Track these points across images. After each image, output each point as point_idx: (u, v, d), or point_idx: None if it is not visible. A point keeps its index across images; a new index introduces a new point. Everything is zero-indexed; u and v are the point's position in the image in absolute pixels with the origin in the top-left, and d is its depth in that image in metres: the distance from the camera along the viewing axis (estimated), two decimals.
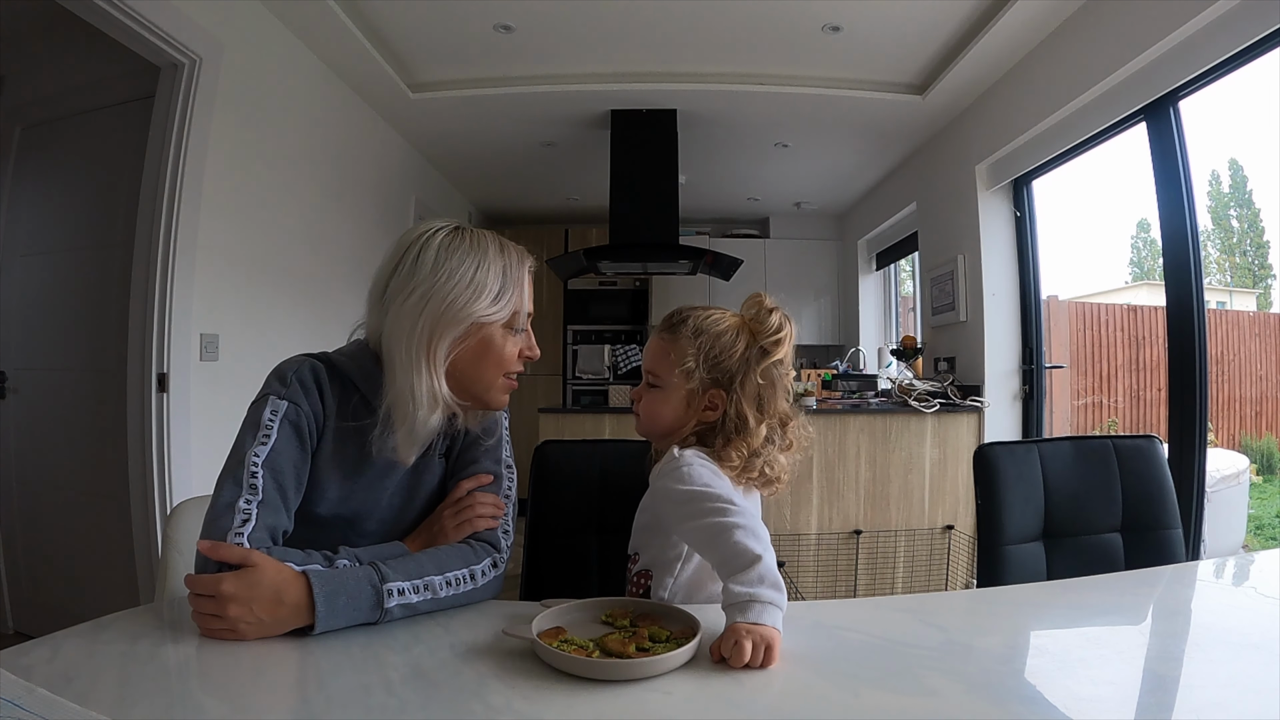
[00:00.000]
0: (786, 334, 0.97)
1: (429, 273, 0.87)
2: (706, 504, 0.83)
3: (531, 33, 2.81)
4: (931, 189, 3.82)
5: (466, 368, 0.90)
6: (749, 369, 0.96)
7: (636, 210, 3.47)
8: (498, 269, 0.91)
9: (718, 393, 0.97)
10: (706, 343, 0.97)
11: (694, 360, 0.96)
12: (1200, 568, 1.18)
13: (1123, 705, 0.64)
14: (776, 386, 0.98)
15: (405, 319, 0.86)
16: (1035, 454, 1.32)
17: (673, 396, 0.98)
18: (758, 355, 0.97)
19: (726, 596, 0.73)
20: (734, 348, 0.97)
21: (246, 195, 2.42)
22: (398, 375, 0.86)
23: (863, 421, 2.95)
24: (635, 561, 1.00)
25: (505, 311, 0.91)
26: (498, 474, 0.98)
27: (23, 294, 2.48)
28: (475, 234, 0.93)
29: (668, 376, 0.98)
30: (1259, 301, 3.13)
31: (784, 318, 0.99)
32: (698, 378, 0.96)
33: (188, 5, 2.07)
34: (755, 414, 0.96)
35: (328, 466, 0.89)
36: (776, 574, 0.74)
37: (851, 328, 5.23)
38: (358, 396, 0.90)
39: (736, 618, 0.70)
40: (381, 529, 0.94)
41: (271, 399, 0.85)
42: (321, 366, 0.90)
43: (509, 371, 0.94)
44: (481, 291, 0.88)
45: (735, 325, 0.99)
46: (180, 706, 0.62)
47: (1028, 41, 2.73)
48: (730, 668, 0.67)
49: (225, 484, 0.81)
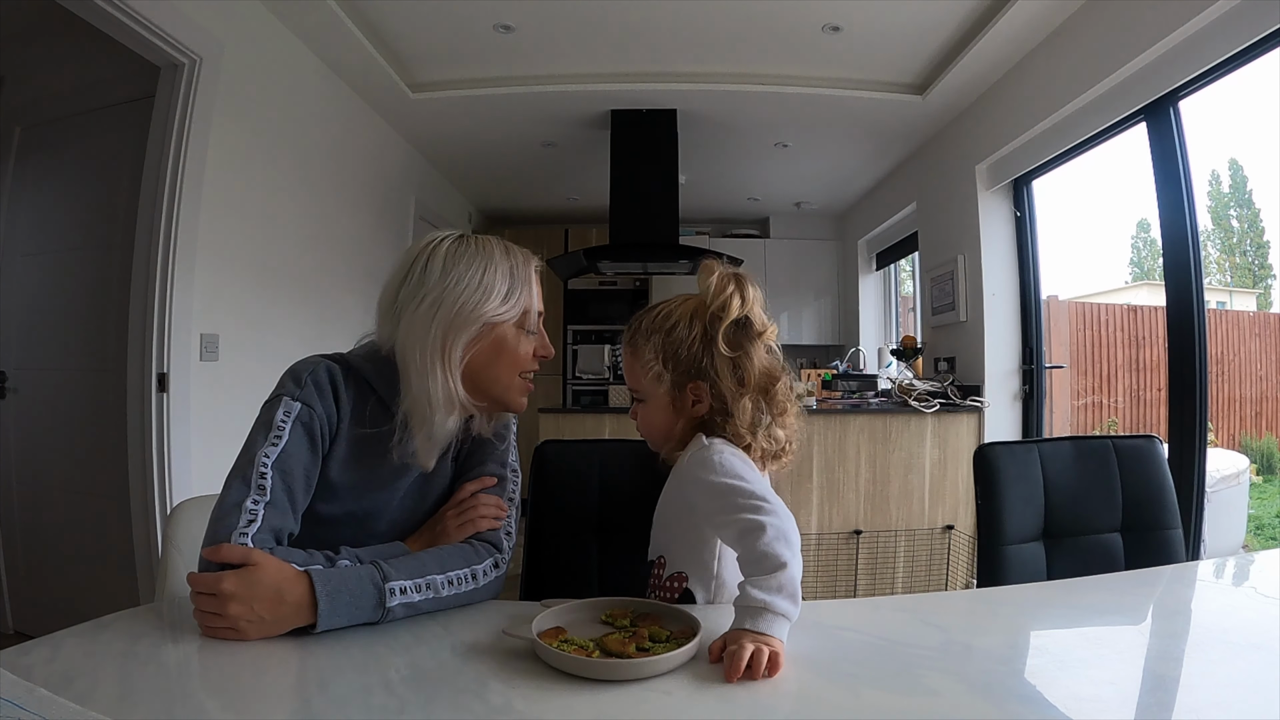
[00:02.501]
0: (731, 291, 0.92)
1: (438, 279, 0.88)
2: (739, 499, 0.81)
3: (531, 33, 2.81)
4: (931, 189, 3.82)
5: (482, 369, 0.91)
6: (712, 347, 0.92)
7: (636, 210, 3.47)
8: (504, 269, 0.92)
9: (696, 384, 0.93)
10: (661, 340, 0.94)
11: (656, 362, 0.94)
12: (1200, 568, 1.17)
13: (1123, 705, 0.64)
14: (749, 350, 0.93)
15: (419, 325, 0.87)
16: (1035, 454, 1.32)
17: (657, 404, 0.96)
18: (714, 325, 0.92)
19: (741, 597, 0.73)
20: (690, 334, 0.93)
21: (246, 195, 2.42)
22: (414, 381, 0.87)
23: (863, 421, 2.95)
24: (662, 566, 0.95)
25: (516, 310, 0.92)
26: (502, 476, 0.98)
27: (23, 294, 2.48)
28: (480, 239, 0.93)
29: (644, 387, 0.96)
30: (1259, 301, 3.14)
31: (727, 277, 0.93)
32: (668, 379, 0.94)
33: (188, 5, 2.07)
34: (734, 390, 0.91)
35: (341, 468, 0.89)
36: (797, 586, 0.73)
37: (851, 328, 5.22)
38: (374, 399, 0.90)
39: (745, 623, 0.70)
40: (392, 530, 0.94)
41: (285, 400, 0.85)
42: (338, 368, 0.90)
43: (524, 371, 0.95)
44: (490, 292, 0.89)
45: (689, 310, 0.95)
46: (180, 706, 0.62)
47: (1028, 41, 2.73)
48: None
49: (234, 483, 0.81)
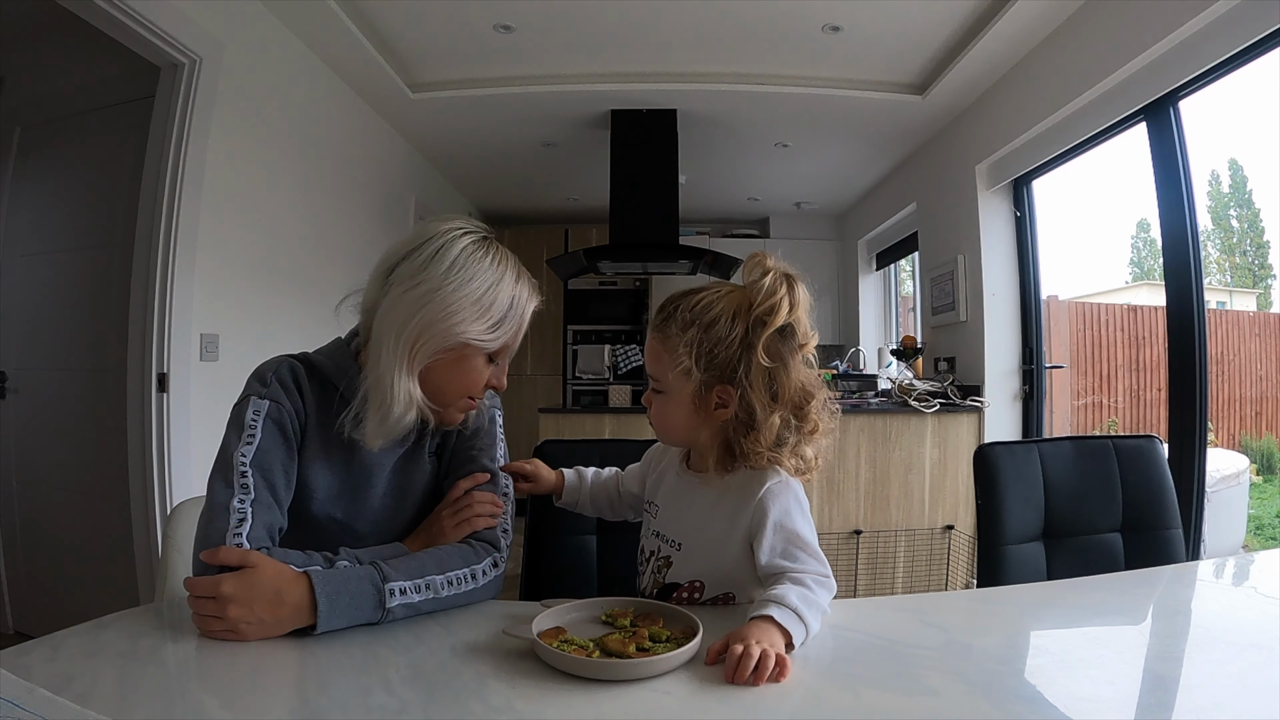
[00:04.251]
0: (782, 296, 0.82)
1: (442, 274, 0.85)
2: (803, 553, 0.82)
3: (531, 33, 2.81)
4: (931, 189, 3.82)
5: (436, 379, 0.89)
6: (751, 353, 0.82)
7: (636, 210, 3.47)
8: (506, 298, 0.88)
9: (724, 388, 0.84)
10: (698, 335, 0.83)
11: (688, 358, 0.83)
12: (1200, 568, 1.18)
13: (1123, 705, 0.64)
14: (788, 361, 0.84)
15: (402, 308, 0.85)
16: (1035, 454, 1.32)
17: (678, 401, 0.87)
18: (756, 330, 0.82)
19: (769, 592, 0.74)
20: (730, 334, 0.83)
21: (246, 195, 2.42)
22: (381, 361, 0.85)
23: (863, 421, 2.95)
24: (699, 589, 0.90)
25: (496, 343, 0.89)
26: (494, 472, 0.98)
27: (23, 294, 2.48)
28: (500, 254, 0.90)
29: (667, 379, 0.87)
30: (1259, 301, 3.13)
31: (780, 277, 0.83)
32: (697, 377, 0.84)
33: (188, 5, 2.06)
34: (766, 404, 0.83)
35: (313, 464, 0.89)
36: (819, 618, 0.75)
37: (851, 328, 5.23)
38: (338, 395, 0.90)
39: (763, 610, 0.71)
40: (376, 531, 0.93)
41: (253, 399, 0.85)
42: (300, 366, 0.90)
43: (473, 395, 0.93)
44: (484, 315, 0.86)
45: (731, 305, 0.85)
46: (180, 706, 0.62)
47: (1028, 41, 2.73)
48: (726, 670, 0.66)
49: (216, 486, 0.81)
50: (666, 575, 0.92)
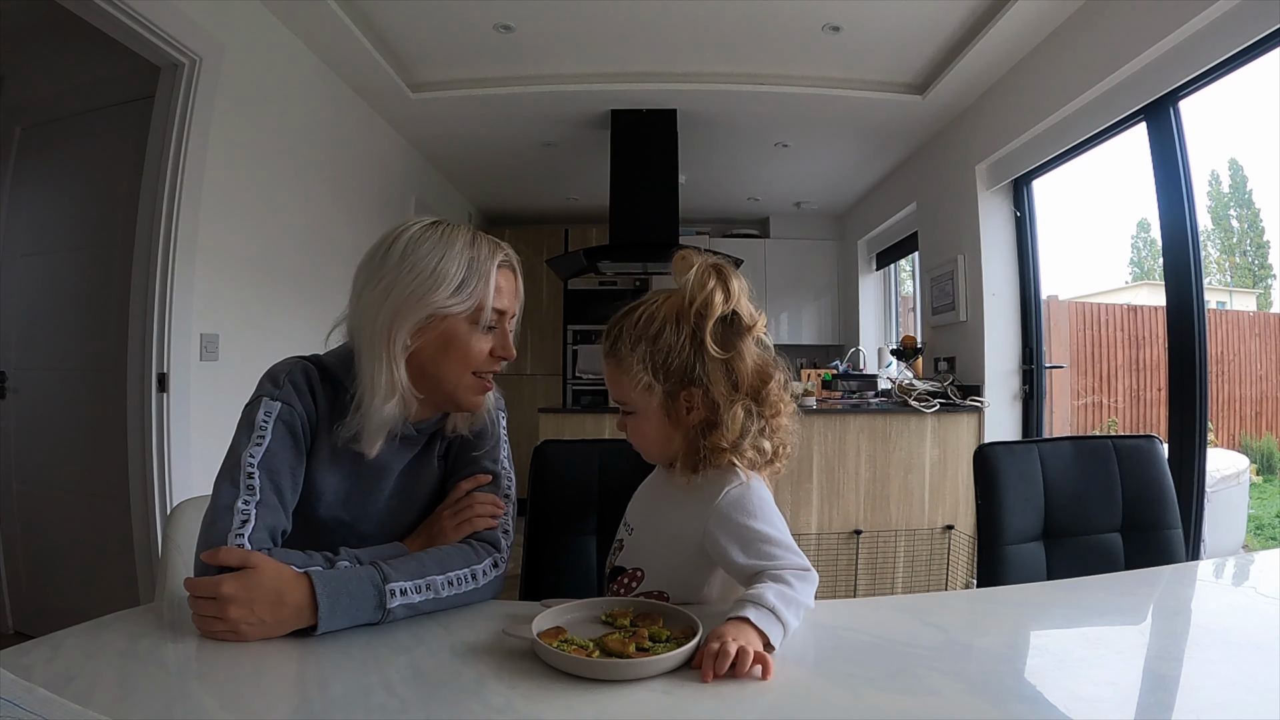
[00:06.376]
0: (713, 287, 0.84)
1: (395, 263, 0.87)
2: (773, 549, 0.80)
3: (531, 33, 2.81)
4: (931, 189, 3.82)
5: (429, 362, 0.89)
6: (702, 349, 0.84)
7: (636, 210, 3.47)
8: (463, 261, 0.88)
9: (689, 392, 0.86)
10: (648, 349, 0.85)
11: (645, 373, 0.85)
12: (1200, 568, 1.18)
13: (1123, 705, 0.64)
14: (740, 348, 0.86)
15: (370, 308, 0.87)
16: (1035, 454, 1.32)
17: (649, 417, 0.88)
18: (700, 326, 0.84)
19: (746, 593, 0.74)
20: (679, 338, 0.85)
21: (246, 195, 2.42)
22: (363, 362, 0.87)
23: (863, 421, 2.95)
24: (637, 578, 0.90)
25: (468, 304, 0.88)
26: (496, 473, 0.98)
27: (23, 294, 2.48)
28: (449, 228, 0.91)
29: (632, 399, 0.88)
30: (1259, 301, 3.13)
31: (706, 269, 0.86)
32: (659, 389, 0.86)
33: (188, 5, 2.06)
34: (728, 395, 0.84)
35: (323, 467, 0.89)
36: (801, 613, 0.75)
37: (851, 328, 5.22)
38: (349, 397, 0.90)
39: (740, 611, 0.71)
40: (381, 532, 0.93)
41: (265, 400, 0.85)
42: (313, 368, 0.91)
43: (478, 370, 0.91)
44: (441, 282, 0.86)
45: (672, 310, 0.87)
46: (180, 706, 0.62)
47: (1028, 41, 2.73)
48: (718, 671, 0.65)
49: (222, 486, 0.81)
50: (618, 558, 0.94)
